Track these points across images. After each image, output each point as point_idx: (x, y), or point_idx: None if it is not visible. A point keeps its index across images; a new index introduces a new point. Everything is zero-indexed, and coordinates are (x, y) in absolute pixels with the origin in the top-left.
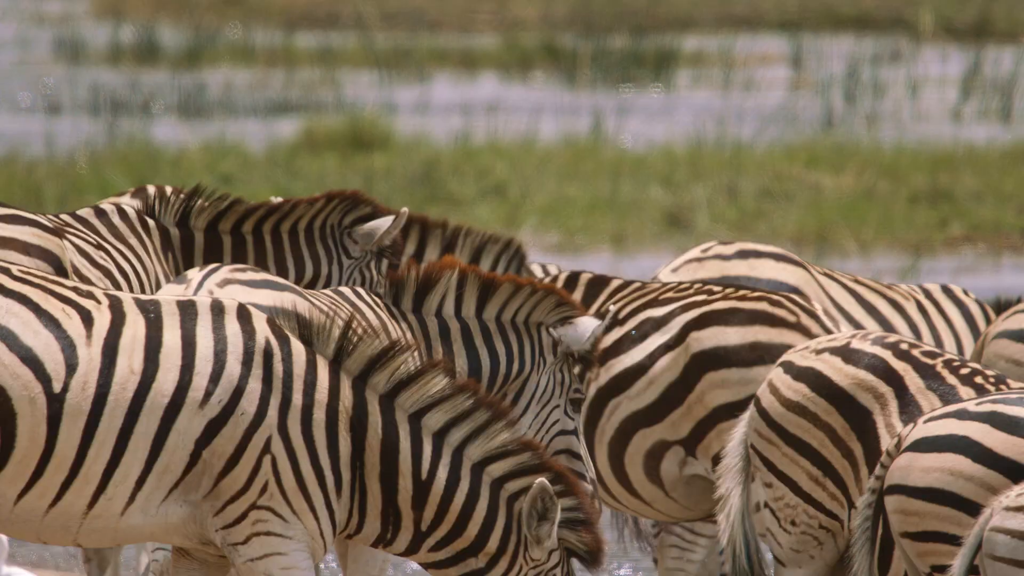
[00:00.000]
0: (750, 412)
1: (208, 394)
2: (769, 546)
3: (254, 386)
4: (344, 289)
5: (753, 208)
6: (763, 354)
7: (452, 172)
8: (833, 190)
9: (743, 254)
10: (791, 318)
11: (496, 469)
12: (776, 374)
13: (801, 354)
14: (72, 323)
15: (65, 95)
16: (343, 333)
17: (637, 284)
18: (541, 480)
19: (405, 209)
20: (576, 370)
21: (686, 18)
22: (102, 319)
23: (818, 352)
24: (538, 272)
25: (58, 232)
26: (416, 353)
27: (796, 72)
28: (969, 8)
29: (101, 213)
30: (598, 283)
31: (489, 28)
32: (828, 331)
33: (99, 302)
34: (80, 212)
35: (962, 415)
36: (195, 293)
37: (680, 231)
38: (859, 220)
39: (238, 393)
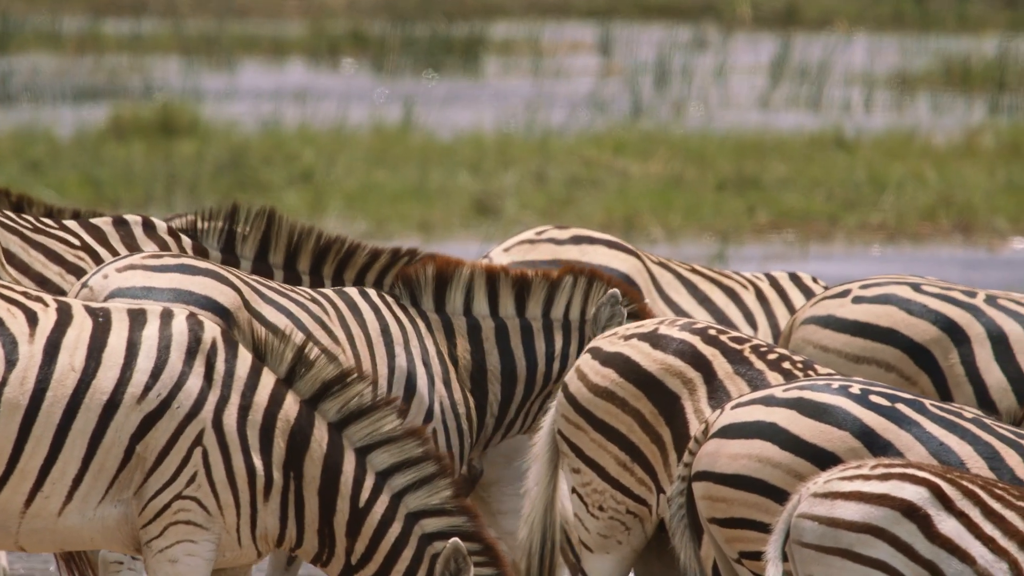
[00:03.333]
0: (558, 398)
1: (147, 389)
2: (577, 532)
3: (194, 382)
4: (350, 289)
5: (561, 195)
6: None
7: (260, 159)
8: (641, 177)
9: (576, 239)
10: None
11: (430, 524)
12: (584, 360)
13: (609, 340)
14: (15, 321)
15: None
16: (296, 354)
17: None
18: (455, 540)
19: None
20: None
21: (494, 5)
22: (47, 319)
23: (626, 338)
24: None
25: None
26: (373, 386)
27: (605, 60)
28: None
29: (121, 223)
30: None
31: (297, 15)
32: None
33: (47, 305)
34: (94, 220)
35: (769, 401)
36: (93, 275)
37: (488, 218)
38: (666, 207)
39: (177, 387)
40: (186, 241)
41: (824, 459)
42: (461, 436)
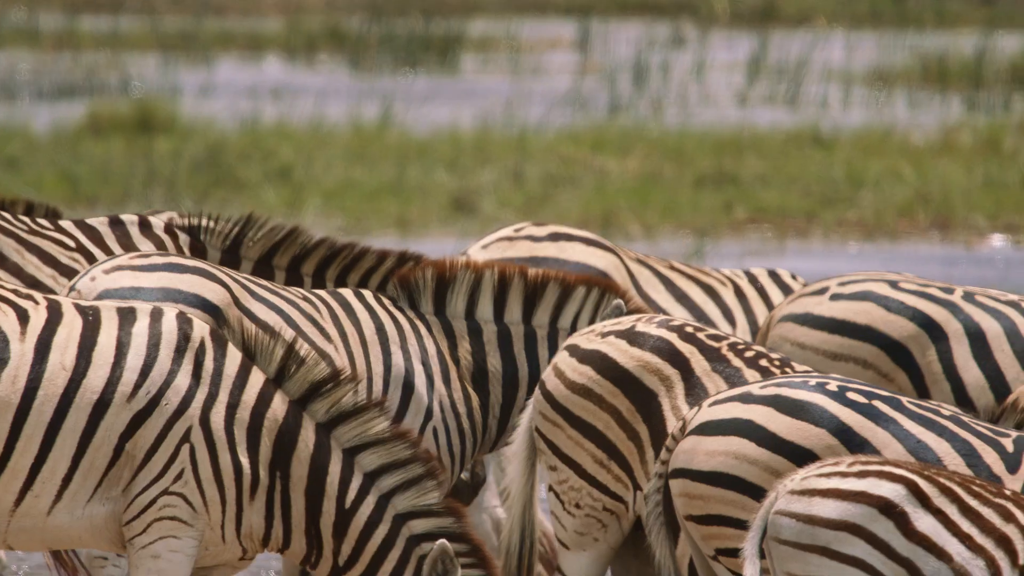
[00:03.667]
0: (535, 396)
1: (136, 387)
2: (554, 529)
3: (182, 380)
4: (344, 290)
5: (539, 192)
6: None
7: (238, 156)
8: (618, 174)
9: (554, 236)
10: None
11: (417, 526)
12: (561, 357)
13: (586, 337)
14: (7, 319)
15: None
16: (286, 353)
17: None
18: (442, 542)
19: None
20: None
21: (472, 3)
22: (38, 318)
23: (603, 335)
24: None
25: None
26: (367, 386)
27: (583, 57)
28: None
29: (116, 223)
30: None
31: (274, 11)
32: None
33: (37, 303)
34: (90, 221)
35: (746, 399)
36: (81, 278)
37: (466, 215)
38: (644, 204)
39: (166, 385)
40: (184, 239)
41: (801, 456)
42: (462, 436)
